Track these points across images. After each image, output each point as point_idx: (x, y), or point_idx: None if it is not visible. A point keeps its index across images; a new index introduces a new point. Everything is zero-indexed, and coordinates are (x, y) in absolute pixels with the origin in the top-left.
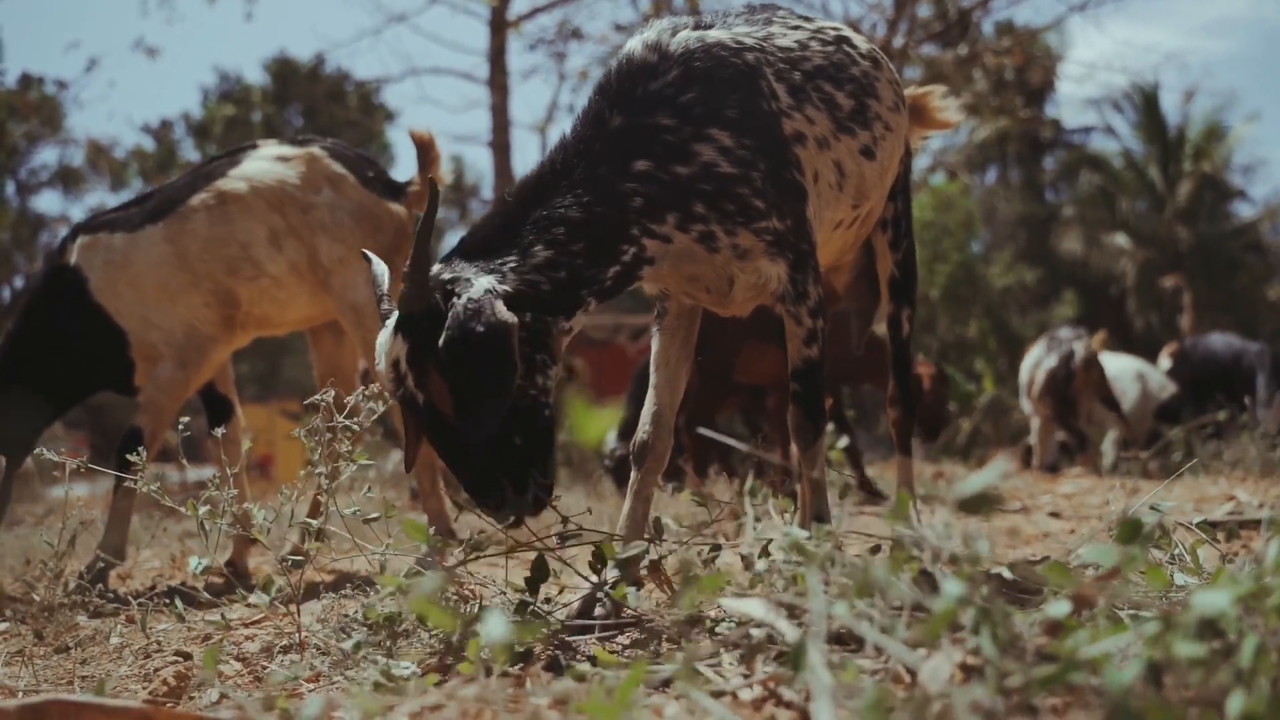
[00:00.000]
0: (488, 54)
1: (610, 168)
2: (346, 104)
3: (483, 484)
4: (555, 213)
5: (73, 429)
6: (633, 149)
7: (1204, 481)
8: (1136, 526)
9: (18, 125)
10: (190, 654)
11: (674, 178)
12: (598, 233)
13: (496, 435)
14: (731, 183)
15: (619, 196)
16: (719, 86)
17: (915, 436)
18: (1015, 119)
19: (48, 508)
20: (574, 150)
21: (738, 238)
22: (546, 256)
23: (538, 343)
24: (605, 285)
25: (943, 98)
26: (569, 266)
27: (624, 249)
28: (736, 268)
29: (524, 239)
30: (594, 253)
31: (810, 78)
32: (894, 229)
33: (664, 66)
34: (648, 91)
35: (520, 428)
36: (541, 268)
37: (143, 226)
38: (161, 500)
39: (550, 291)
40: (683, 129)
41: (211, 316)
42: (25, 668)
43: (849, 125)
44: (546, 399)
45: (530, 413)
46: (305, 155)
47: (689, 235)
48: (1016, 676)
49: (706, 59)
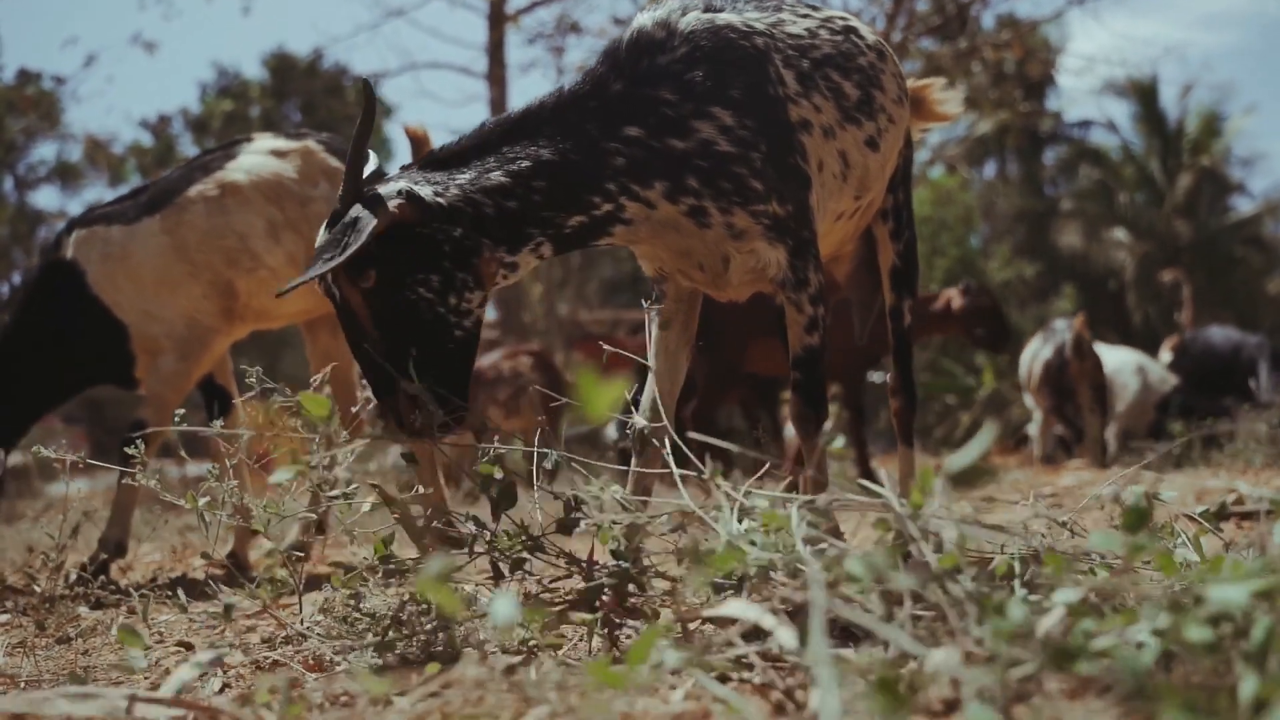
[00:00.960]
0: (486, 48)
1: (599, 126)
2: (344, 99)
3: (379, 390)
4: (527, 148)
5: (72, 424)
6: (627, 115)
7: (1204, 474)
8: (1142, 515)
9: (16, 121)
10: (193, 644)
11: (666, 148)
12: (566, 177)
13: (395, 338)
14: (729, 161)
15: (600, 152)
16: (725, 67)
17: (988, 348)
18: (1015, 112)
19: (47, 503)
20: (567, 102)
21: (733, 216)
22: (500, 183)
23: (463, 261)
24: (564, 232)
25: (943, 90)
26: (523, 200)
27: (595, 201)
28: (731, 247)
29: (486, 162)
30: (557, 196)
31: (818, 66)
32: (895, 219)
33: (671, 43)
34: (654, 65)
35: (420, 338)
36: (491, 191)
37: (140, 219)
38: (161, 494)
39: (493, 216)
40: (684, 105)
41: (211, 308)
42: (27, 658)
43: (855, 115)
44: (460, 319)
45: (432, 327)
46: (301, 149)
47: (677, 207)
48: (1028, 665)
49: (715, 39)
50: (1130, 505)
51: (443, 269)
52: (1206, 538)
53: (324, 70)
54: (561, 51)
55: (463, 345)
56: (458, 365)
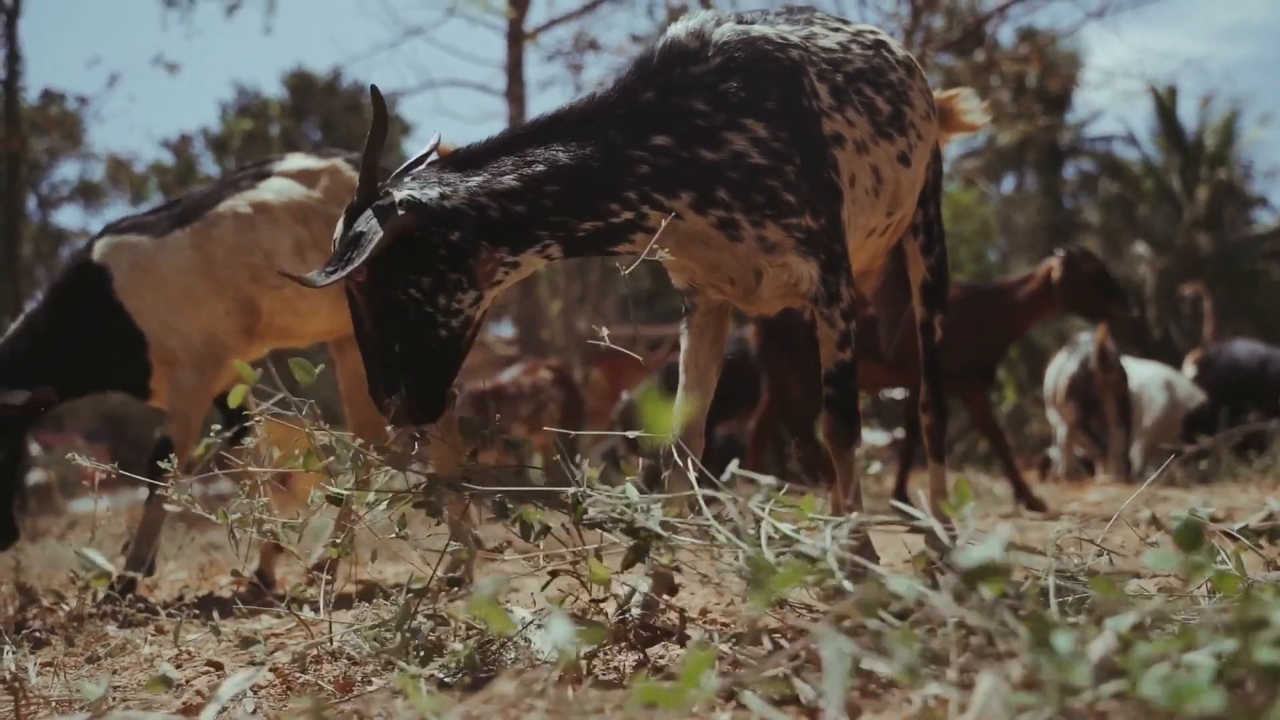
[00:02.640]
0: (504, 66)
1: (624, 133)
2: (363, 116)
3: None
4: (547, 152)
5: (94, 441)
6: (656, 124)
7: (1233, 490)
8: (1198, 533)
9: (40, 140)
10: (221, 664)
11: (695, 159)
12: (582, 183)
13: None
14: (762, 174)
15: (623, 159)
16: (760, 79)
17: (1098, 318)
18: (1034, 126)
19: (70, 520)
20: (595, 109)
21: (765, 230)
22: (510, 187)
23: (455, 262)
24: (576, 236)
25: (969, 100)
26: (532, 204)
27: (613, 209)
28: (764, 261)
29: (502, 164)
30: (570, 201)
31: (851, 80)
32: (926, 234)
33: (705, 53)
34: (687, 74)
35: (405, 335)
36: (499, 195)
37: (170, 231)
38: (192, 509)
39: (498, 219)
40: (716, 115)
41: (232, 325)
42: (57, 677)
43: (887, 131)
44: (449, 319)
45: (418, 326)
46: (330, 168)
47: (706, 218)
48: (1085, 694)
49: (750, 51)
50: (1184, 523)
51: (435, 270)
52: (1247, 555)
53: (343, 89)
54: (580, 69)
55: (448, 344)
56: (441, 363)
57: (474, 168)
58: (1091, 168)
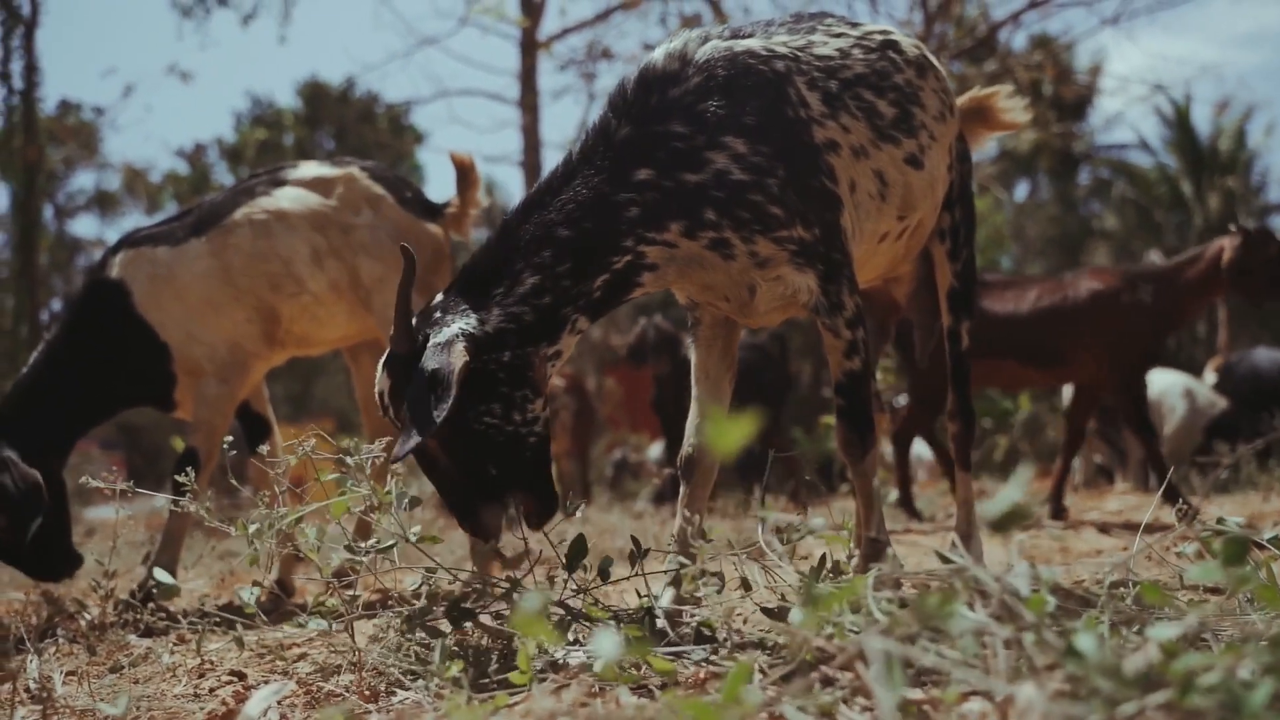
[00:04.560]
0: (518, 74)
1: (608, 179)
2: (376, 126)
3: (461, 511)
4: (546, 232)
5: (109, 450)
6: (637, 158)
7: (1254, 498)
8: (1243, 545)
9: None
10: (244, 674)
11: (679, 185)
12: (585, 248)
13: (474, 467)
14: (745, 189)
15: (613, 208)
16: (740, 94)
17: (1264, 301)
18: (1049, 134)
19: (87, 528)
20: (577, 165)
21: (755, 245)
22: (533, 284)
23: (518, 379)
24: (594, 298)
25: (1008, 98)
26: (554, 289)
27: (613, 260)
28: (757, 276)
29: (514, 265)
30: (580, 269)
31: (848, 86)
32: (952, 239)
33: (685, 74)
34: (665, 99)
35: (497, 460)
36: (527, 297)
37: (187, 240)
38: (211, 522)
39: (534, 321)
40: (696, 136)
41: (254, 332)
42: (81, 686)
43: (891, 134)
44: (530, 428)
45: (506, 446)
46: (345, 176)
47: (698, 242)
48: (1130, 704)
49: (730, 67)
50: (1230, 538)
51: (500, 395)
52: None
53: (356, 98)
54: (593, 77)
55: (538, 448)
56: (539, 461)
57: (491, 280)
58: (1106, 174)
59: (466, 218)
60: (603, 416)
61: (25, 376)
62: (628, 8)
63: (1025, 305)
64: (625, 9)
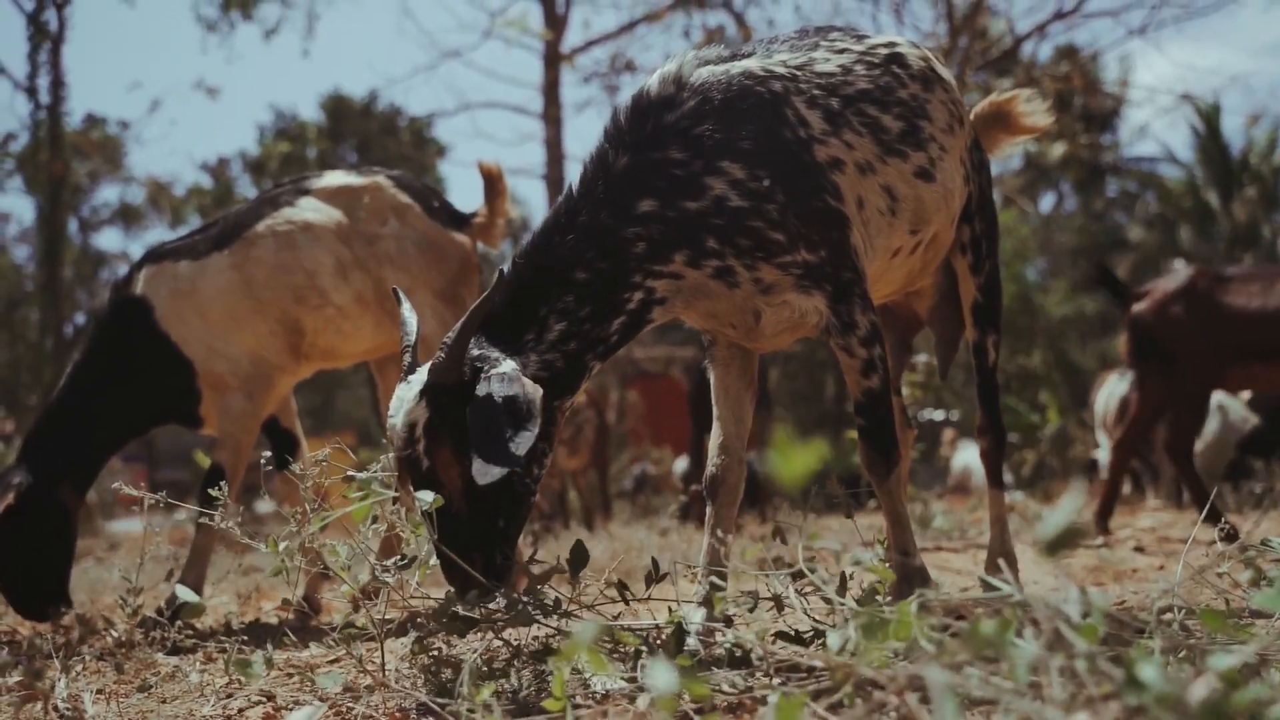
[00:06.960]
0: (541, 87)
1: (612, 212)
2: (399, 139)
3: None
4: (564, 275)
5: (131, 462)
6: (638, 189)
7: None
8: None
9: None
10: (274, 694)
11: (682, 214)
12: (602, 290)
13: (485, 516)
14: (743, 216)
15: (622, 243)
16: (735, 117)
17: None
18: (1075, 144)
19: (110, 542)
20: (579, 202)
21: (759, 272)
22: (560, 330)
23: (545, 432)
24: (611, 342)
25: (1029, 101)
26: (578, 335)
27: (626, 297)
28: (761, 302)
29: (539, 311)
30: (599, 311)
31: (851, 102)
32: (974, 252)
33: (680, 98)
34: (660, 125)
35: (506, 511)
36: (556, 344)
37: (209, 254)
38: (240, 538)
39: (563, 369)
40: (693, 162)
41: (278, 345)
42: (109, 705)
43: (898, 148)
44: (535, 483)
45: (518, 499)
46: (371, 185)
47: (702, 271)
48: None
49: (726, 89)
50: None
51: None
52: None
53: (379, 111)
54: (616, 90)
55: (528, 509)
56: (521, 525)
57: (515, 324)
58: (1133, 186)
59: (495, 227)
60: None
61: (54, 399)
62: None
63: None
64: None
